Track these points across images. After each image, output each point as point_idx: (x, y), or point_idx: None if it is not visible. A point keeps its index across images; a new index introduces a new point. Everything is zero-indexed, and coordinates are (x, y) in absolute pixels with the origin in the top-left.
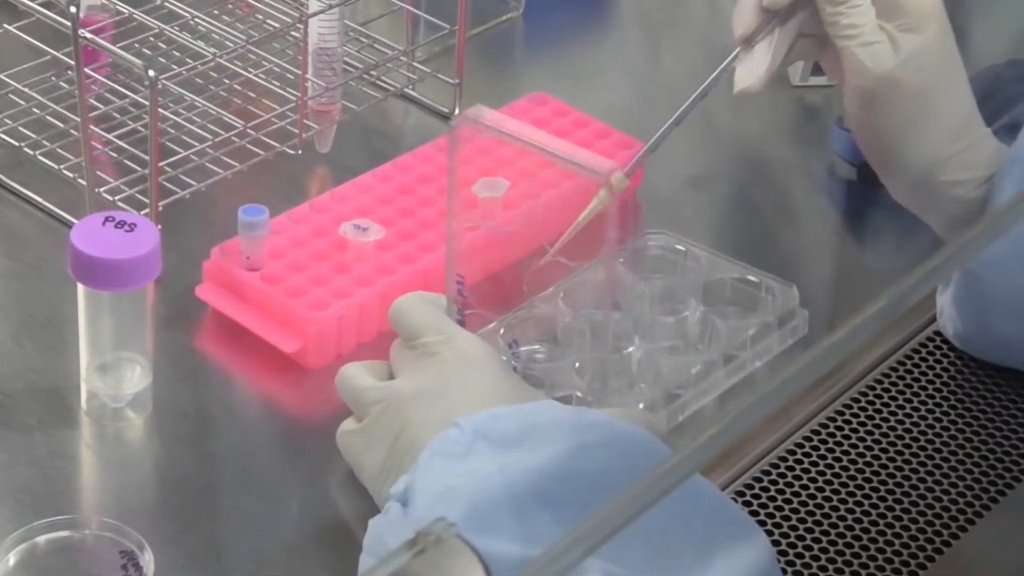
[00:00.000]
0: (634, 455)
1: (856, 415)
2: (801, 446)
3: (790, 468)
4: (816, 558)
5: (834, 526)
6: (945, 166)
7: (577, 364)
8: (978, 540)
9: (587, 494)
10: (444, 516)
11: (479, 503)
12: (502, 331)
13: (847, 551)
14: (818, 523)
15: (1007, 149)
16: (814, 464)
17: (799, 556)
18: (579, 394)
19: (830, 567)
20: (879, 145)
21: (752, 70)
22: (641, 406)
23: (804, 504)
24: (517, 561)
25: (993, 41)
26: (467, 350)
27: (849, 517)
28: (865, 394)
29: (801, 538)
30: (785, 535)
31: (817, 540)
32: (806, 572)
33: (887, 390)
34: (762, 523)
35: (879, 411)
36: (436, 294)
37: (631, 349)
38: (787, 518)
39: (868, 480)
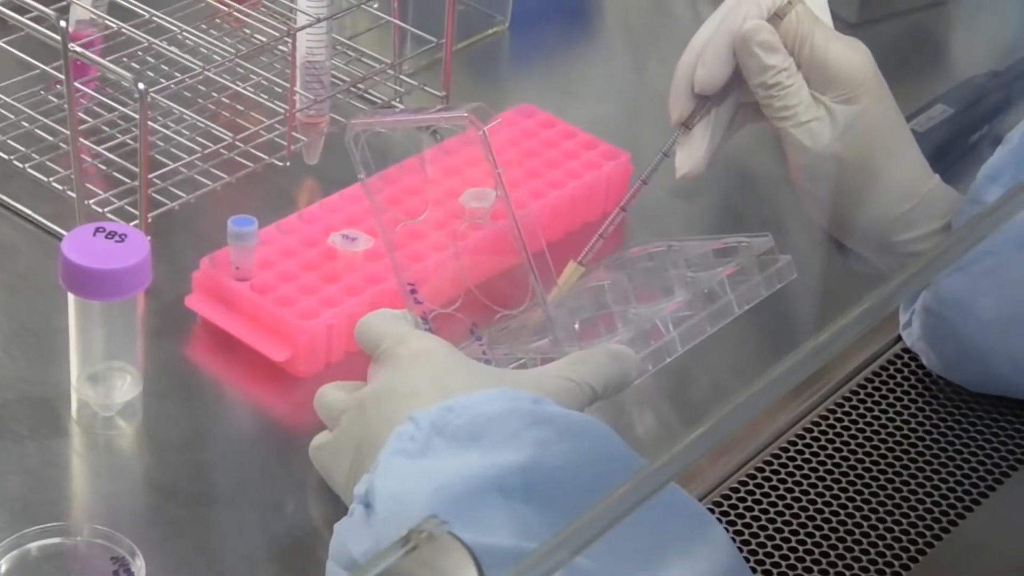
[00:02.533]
0: (592, 449)
1: (830, 427)
2: (778, 456)
3: (767, 479)
4: (792, 567)
5: (811, 535)
6: (896, 225)
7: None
8: (950, 552)
9: (547, 488)
10: (405, 518)
11: (438, 503)
12: (480, 340)
13: (823, 560)
14: (795, 532)
15: (958, 195)
16: (791, 475)
17: (776, 565)
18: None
19: (809, 574)
20: (828, 214)
21: (692, 153)
22: (631, 335)
23: (781, 514)
24: (481, 556)
25: (974, 52)
26: (419, 346)
27: (825, 527)
28: (835, 410)
29: (778, 547)
30: (762, 544)
31: (794, 549)
32: (791, 574)
33: (860, 403)
34: (739, 533)
35: (851, 425)
36: (399, 310)
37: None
38: (764, 528)
39: (844, 490)
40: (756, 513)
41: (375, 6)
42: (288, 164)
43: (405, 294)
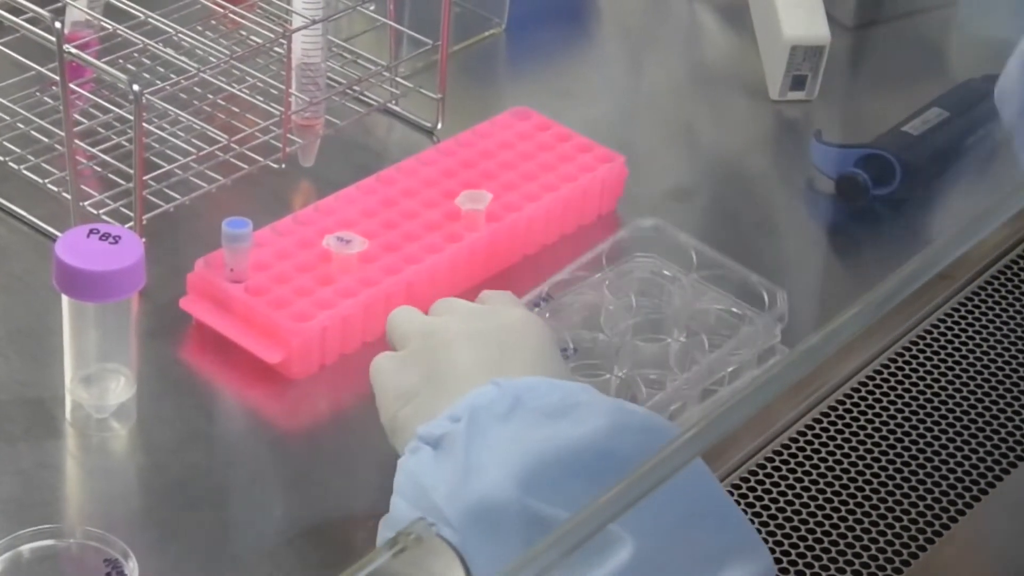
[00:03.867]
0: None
1: (831, 424)
2: (779, 453)
3: (776, 468)
4: (794, 563)
5: (812, 532)
6: None
7: None
8: (950, 548)
9: (618, 475)
10: (491, 474)
11: (527, 467)
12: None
13: (824, 556)
14: (796, 528)
15: None
16: (792, 471)
17: (785, 554)
18: None
19: (810, 570)
20: None
21: None
22: None
23: (782, 510)
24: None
25: (970, 56)
26: (527, 318)
27: (827, 523)
28: (844, 401)
29: (779, 544)
30: (772, 533)
31: (795, 545)
32: (792, 570)
33: (861, 401)
34: None
35: (852, 422)
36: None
37: (609, 376)
38: (765, 524)
39: (845, 486)
40: (758, 510)
41: (371, 8)
42: (283, 166)
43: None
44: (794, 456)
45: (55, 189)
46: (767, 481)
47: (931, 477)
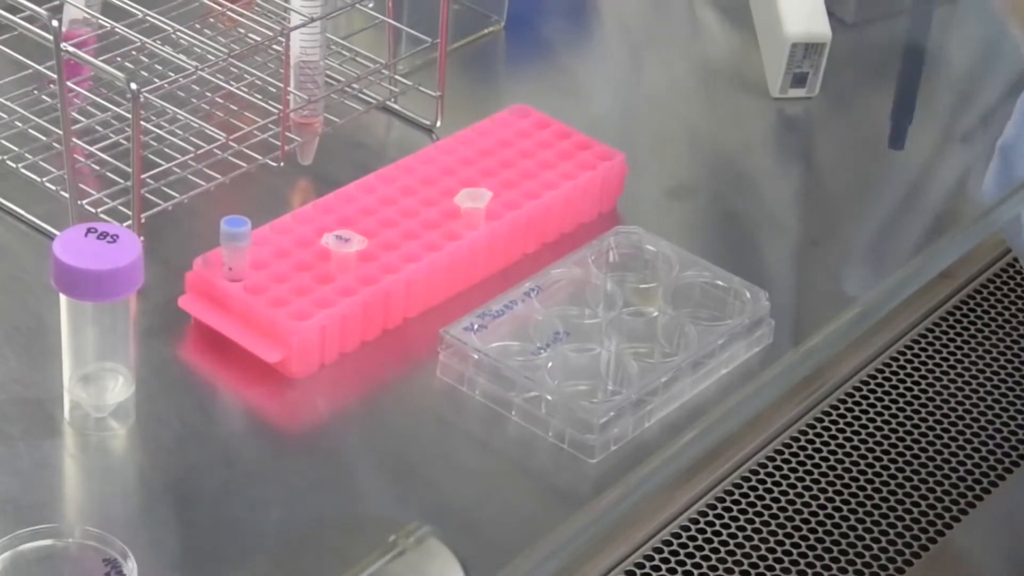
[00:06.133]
0: None
1: (839, 419)
2: (789, 446)
3: (777, 468)
4: (804, 555)
5: (822, 523)
6: None
7: (550, 364)
8: (957, 543)
9: None
10: None
11: None
12: (475, 326)
13: (826, 556)
14: (798, 528)
15: None
16: (794, 470)
17: (787, 553)
18: (549, 397)
19: (812, 570)
20: None
21: None
22: (612, 413)
23: (784, 509)
24: None
25: (969, 54)
26: None
27: (836, 515)
28: (844, 401)
29: (781, 543)
30: (773, 533)
31: (797, 545)
32: (793, 570)
33: (869, 395)
34: (742, 528)
35: (860, 416)
36: None
37: (600, 350)
38: (775, 516)
39: (855, 480)
40: (759, 509)
41: (370, 6)
42: (282, 164)
43: None
44: (795, 455)
45: (53, 188)
46: (768, 480)
47: (932, 477)
